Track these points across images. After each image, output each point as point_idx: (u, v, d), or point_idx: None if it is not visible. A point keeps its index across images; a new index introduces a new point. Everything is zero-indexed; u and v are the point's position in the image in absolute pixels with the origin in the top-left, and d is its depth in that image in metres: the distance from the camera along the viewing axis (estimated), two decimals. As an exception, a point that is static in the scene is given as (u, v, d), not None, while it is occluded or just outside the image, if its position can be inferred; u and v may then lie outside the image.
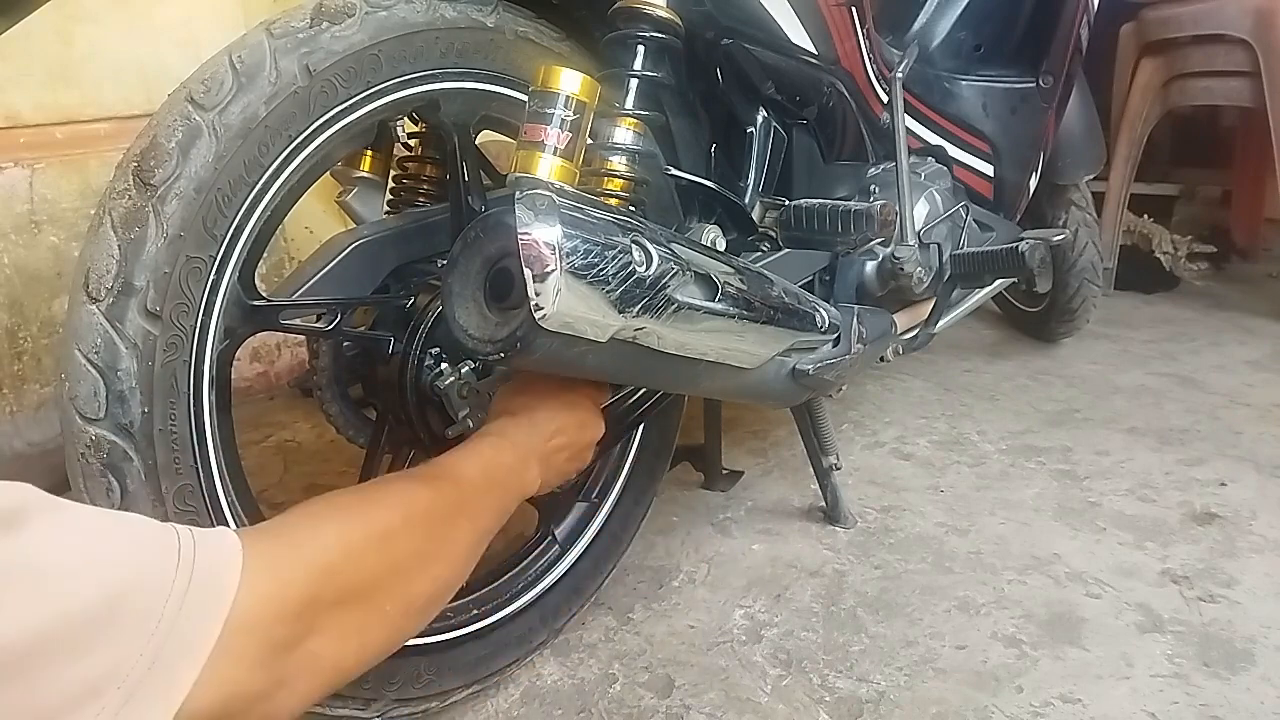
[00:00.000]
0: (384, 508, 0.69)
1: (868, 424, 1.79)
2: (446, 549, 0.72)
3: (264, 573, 0.54)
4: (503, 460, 0.82)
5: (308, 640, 0.57)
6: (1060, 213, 1.97)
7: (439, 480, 0.75)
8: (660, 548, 1.38)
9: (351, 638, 0.61)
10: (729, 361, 0.94)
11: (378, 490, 0.74)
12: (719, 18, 1.04)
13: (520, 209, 0.71)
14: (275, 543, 0.59)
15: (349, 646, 0.61)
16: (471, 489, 0.77)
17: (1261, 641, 1.11)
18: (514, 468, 0.83)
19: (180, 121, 0.76)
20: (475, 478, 0.78)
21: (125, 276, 0.73)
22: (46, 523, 0.45)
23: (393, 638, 0.67)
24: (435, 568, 0.71)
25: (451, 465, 0.78)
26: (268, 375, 2.07)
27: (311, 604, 0.57)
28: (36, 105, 1.67)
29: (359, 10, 0.84)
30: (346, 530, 0.64)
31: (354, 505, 0.68)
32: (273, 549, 0.57)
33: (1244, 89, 2.19)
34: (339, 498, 0.69)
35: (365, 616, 0.62)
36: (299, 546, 0.60)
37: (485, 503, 0.78)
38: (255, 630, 0.52)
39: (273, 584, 0.55)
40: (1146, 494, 1.48)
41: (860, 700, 1.05)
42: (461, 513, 0.75)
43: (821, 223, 1.19)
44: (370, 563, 0.64)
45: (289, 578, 0.56)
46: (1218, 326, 2.29)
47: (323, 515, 0.65)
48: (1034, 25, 1.60)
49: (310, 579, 0.58)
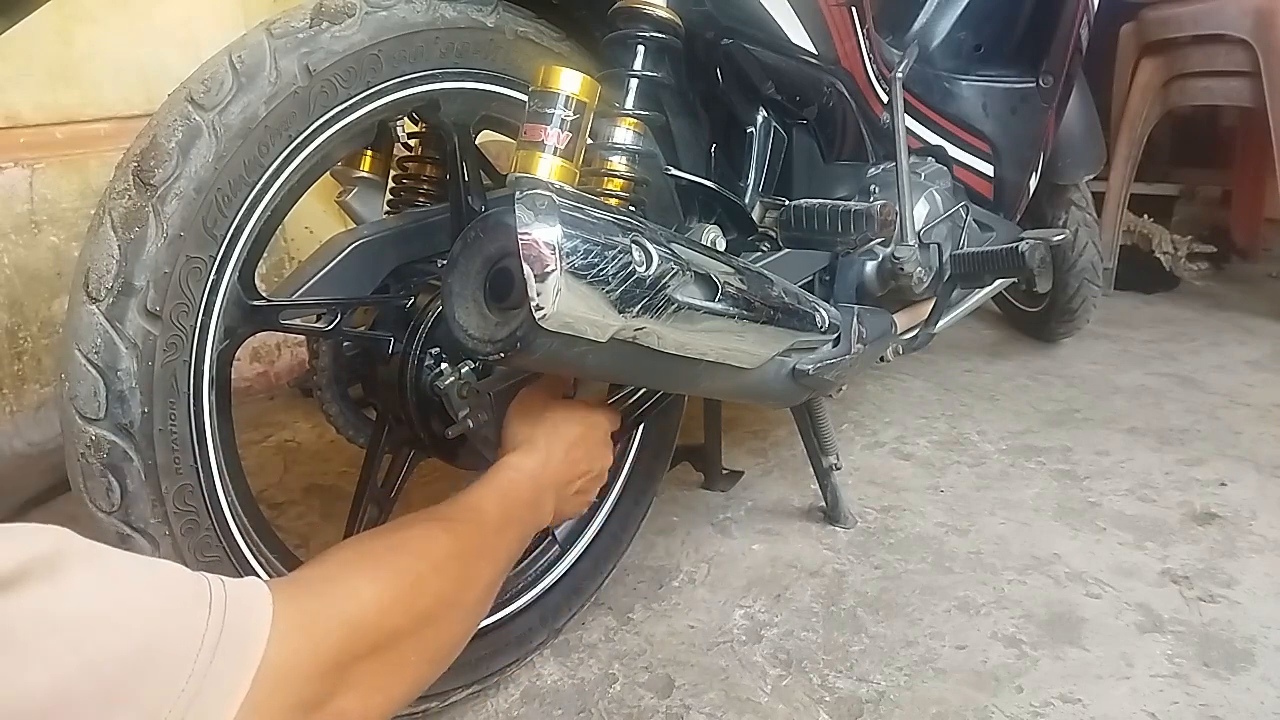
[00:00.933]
0: (411, 555, 0.68)
1: (868, 424, 1.79)
2: (470, 593, 0.72)
3: (296, 627, 0.53)
4: (521, 497, 0.82)
5: (336, 698, 0.56)
6: (1060, 213, 1.97)
7: (461, 522, 0.75)
8: (660, 548, 1.38)
9: (378, 692, 0.60)
10: (729, 361, 0.94)
11: (403, 536, 0.72)
12: (719, 18, 1.04)
13: (520, 209, 0.71)
14: (307, 596, 0.58)
15: (374, 701, 0.60)
16: (492, 530, 0.77)
17: (1261, 641, 1.11)
18: (531, 503, 0.83)
19: (180, 121, 0.76)
20: (495, 517, 0.78)
21: (125, 276, 0.73)
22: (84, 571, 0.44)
23: (416, 686, 0.66)
24: (458, 611, 0.71)
25: (472, 505, 0.78)
26: (268, 375, 2.07)
27: (341, 661, 0.56)
28: (36, 105, 1.66)
29: (359, 10, 0.84)
30: (376, 582, 0.63)
31: (383, 554, 0.67)
32: (305, 603, 0.56)
33: (1244, 89, 2.19)
34: (367, 544, 0.69)
35: (391, 669, 0.62)
36: (331, 600, 0.59)
37: (505, 542, 0.79)
38: (285, 687, 0.51)
39: (304, 639, 0.54)
40: (1146, 494, 1.48)
41: (860, 700, 1.05)
42: (483, 554, 0.75)
43: (821, 223, 1.19)
44: (399, 614, 0.63)
45: (321, 633, 0.55)
46: (1218, 326, 2.29)
47: (353, 565, 0.64)
48: (1034, 25, 1.60)
49: (342, 635, 0.57)
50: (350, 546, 0.68)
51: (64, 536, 0.45)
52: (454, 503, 0.78)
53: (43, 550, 0.43)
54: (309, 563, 0.66)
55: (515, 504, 0.81)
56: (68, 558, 0.44)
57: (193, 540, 0.79)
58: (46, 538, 0.44)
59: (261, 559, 0.87)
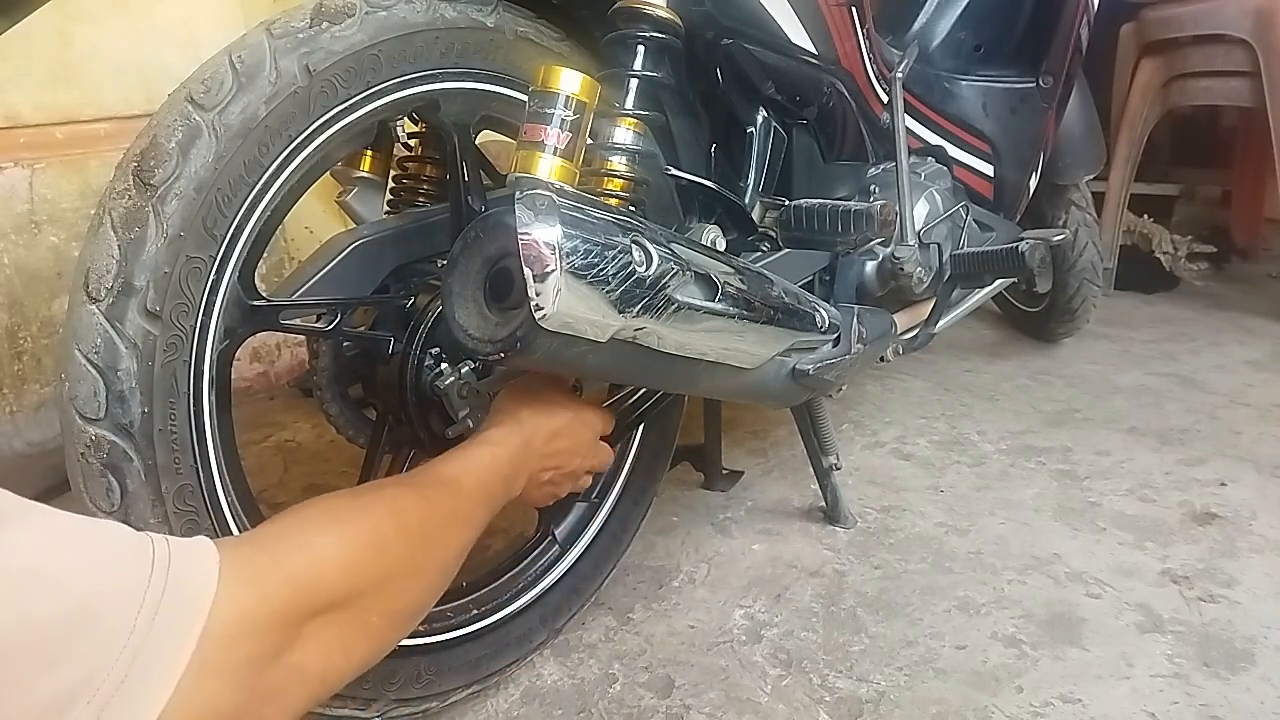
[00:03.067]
0: (377, 516, 0.67)
1: (868, 424, 1.79)
2: (436, 559, 0.72)
3: (244, 584, 0.52)
4: (500, 472, 0.82)
5: (290, 652, 0.55)
6: (1060, 213, 1.97)
7: (434, 488, 0.75)
8: (660, 548, 1.38)
9: (336, 648, 0.59)
10: (729, 361, 0.94)
11: (372, 496, 0.72)
12: (719, 18, 1.04)
13: (520, 209, 0.71)
14: (258, 552, 0.57)
15: (334, 658, 0.59)
16: (465, 499, 0.76)
17: (1261, 641, 1.11)
18: (507, 479, 0.83)
19: (180, 121, 0.76)
20: (470, 488, 0.77)
21: (125, 276, 0.73)
22: (15, 528, 0.44)
23: (379, 646, 0.66)
24: (424, 577, 0.70)
25: (448, 474, 0.77)
26: (268, 375, 2.07)
27: (294, 616, 0.55)
28: (36, 105, 1.66)
29: (359, 10, 0.84)
30: (338, 539, 0.62)
31: (347, 512, 0.67)
32: (254, 559, 0.55)
33: (1244, 89, 2.19)
34: (332, 502, 0.68)
35: (351, 627, 0.61)
36: (283, 556, 0.58)
37: (475, 514, 0.78)
38: (234, 643, 0.50)
39: (253, 595, 0.53)
40: (1146, 494, 1.48)
41: (860, 700, 1.05)
42: (453, 523, 0.74)
43: (821, 223, 1.19)
44: (360, 573, 0.62)
45: (270, 590, 0.54)
46: (1218, 326, 2.29)
47: (314, 522, 0.64)
48: (1034, 25, 1.60)
49: (294, 590, 0.56)
50: (315, 505, 0.67)
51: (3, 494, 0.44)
52: (430, 470, 0.78)
53: None
54: (267, 520, 0.66)
55: (493, 479, 0.81)
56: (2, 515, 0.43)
57: (193, 540, 0.79)
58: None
59: (261, 559, 0.87)
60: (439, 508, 0.73)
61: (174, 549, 0.50)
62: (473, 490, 0.78)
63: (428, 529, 0.71)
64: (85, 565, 0.45)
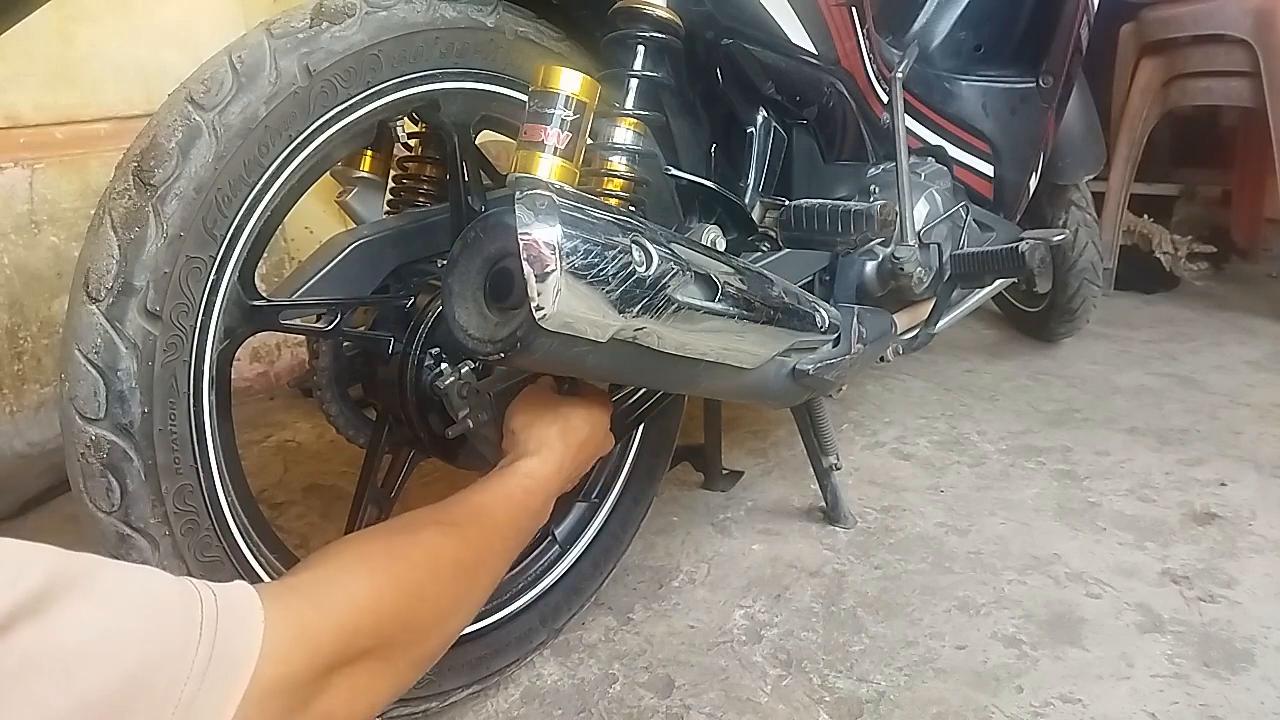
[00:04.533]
0: (414, 564, 0.67)
1: (868, 424, 1.79)
2: (467, 602, 0.73)
3: (289, 639, 0.53)
4: (533, 506, 0.82)
5: (320, 700, 0.55)
6: (1060, 213, 1.96)
7: (469, 525, 0.74)
8: (660, 548, 1.38)
9: (363, 693, 0.60)
10: (729, 361, 0.94)
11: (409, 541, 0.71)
12: (719, 18, 1.04)
13: (520, 209, 0.71)
14: (301, 601, 0.57)
15: (359, 702, 0.60)
16: (498, 536, 0.77)
17: (1261, 641, 1.11)
18: (541, 511, 0.84)
19: (180, 121, 0.76)
20: (504, 524, 0.78)
21: (125, 276, 0.73)
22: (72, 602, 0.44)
23: (402, 687, 0.66)
24: (454, 621, 0.71)
25: (483, 509, 0.77)
26: (268, 375, 2.07)
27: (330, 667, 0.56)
28: (36, 105, 1.66)
29: (359, 10, 0.84)
30: (376, 589, 0.62)
31: (386, 560, 0.66)
32: (299, 609, 0.56)
33: (1244, 89, 2.19)
34: (370, 546, 0.68)
35: (379, 673, 0.61)
36: (325, 606, 0.58)
37: (508, 548, 0.79)
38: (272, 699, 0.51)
39: (297, 649, 0.53)
40: (1146, 494, 1.48)
41: (860, 700, 1.05)
42: (486, 562, 0.75)
43: (821, 223, 1.19)
44: (394, 624, 0.63)
45: (315, 642, 0.55)
46: (1218, 326, 2.29)
47: (351, 570, 0.64)
48: (1034, 25, 1.60)
49: (334, 644, 0.56)
50: (350, 547, 0.67)
51: (56, 561, 0.44)
52: (463, 503, 0.77)
53: (33, 585, 0.42)
54: (304, 562, 0.66)
55: (526, 513, 0.81)
56: (57, 588, 0.43)
57: (193, 540, 0.79)
58: (38, 569, 0.43)
59: (261, 559, 0.87)
60: (473, 547, 0.73)
61: (220, 604, 0.50)
62: (505, 525, 0.78)
63: (462, 572, 0.71)
64: (138, 633, 0.46)
